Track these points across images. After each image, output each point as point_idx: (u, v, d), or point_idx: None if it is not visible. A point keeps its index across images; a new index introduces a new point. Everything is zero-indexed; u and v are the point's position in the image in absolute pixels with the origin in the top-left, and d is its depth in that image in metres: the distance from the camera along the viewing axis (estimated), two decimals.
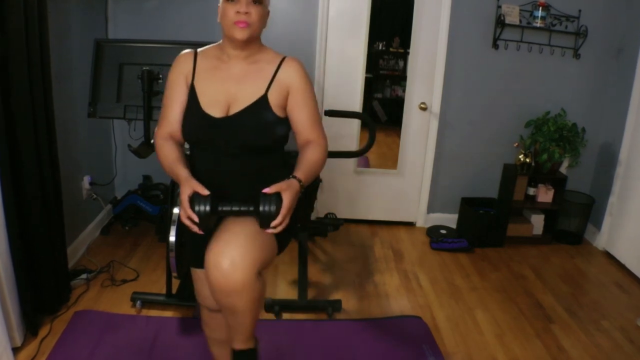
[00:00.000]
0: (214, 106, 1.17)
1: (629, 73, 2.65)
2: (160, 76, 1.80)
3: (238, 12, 1.12)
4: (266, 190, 1.08)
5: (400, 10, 2.80)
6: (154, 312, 1.97)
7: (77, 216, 2.35)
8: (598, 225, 2.86)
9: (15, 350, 1.66)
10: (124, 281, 2.18)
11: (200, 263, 1.23)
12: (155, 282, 2.19)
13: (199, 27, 2.60)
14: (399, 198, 3.00)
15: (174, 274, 1.87)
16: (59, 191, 1.90)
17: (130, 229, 2.68)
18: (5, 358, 1.54)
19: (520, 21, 2.63)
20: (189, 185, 1.09)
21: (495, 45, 2.70)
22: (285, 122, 1.21)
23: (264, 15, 1.17)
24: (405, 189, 2.98)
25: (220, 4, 1.16)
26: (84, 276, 2.14)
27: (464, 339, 1.94)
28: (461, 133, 2.85)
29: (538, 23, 2.61)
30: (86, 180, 2.46)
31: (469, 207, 2.84)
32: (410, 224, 3.02)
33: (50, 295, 1.86)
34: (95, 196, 2.55)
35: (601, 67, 2.77)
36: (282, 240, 1.22)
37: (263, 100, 1.17)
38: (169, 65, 1.83)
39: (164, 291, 2.03)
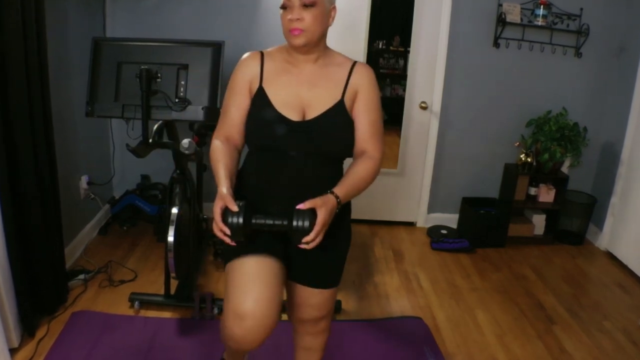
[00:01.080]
0: (289, 109, 1.13)
1: (630, 72, 2.64)
2: (159, 75, 1.79)
3: (291, 20, 1.09)
4: (300, 205, 1.05)
5: (401, 8, 2.79)
6: (152, 313, 1.96)
7: (75, 216, 2.34)
8: (600, 225, 2.85)
9: (13, 352, 1.65)
10: (122, 281, 2.17)
11: (255, 248, 1.13)
12: (153, 283, 2.18)
13: (198, 25, 2.59)
14: (399, 198, 2.98)
15: (173, 275, 1.89)
16: (56, 191, 1.89)
17: (128, 229, 2.67)
18: (2, 359, 1.52)
19: (522, 19, 2.62)
20: (222, 198, 1.06)
21: (496, 44, 2.69)
22: None
23: (321, 16, 1.11)
24: (405, 188, 2.96)
25: (280, 12, 1.14)
26: (81, 276, 2.13)
27: (464, 339, 1.93)
28: (462, 132, 2.83)
29: (539, 21, 2.60)
30: (84, 179, 2.45)
31: (469, 207, 2.83)
32: (410, 224, 3.01)
33: (48, 295, 1.85)
34: (93, 196, 2.54)
35: (603, 65, 2.76)
36: (336, 276, 1.26)
37: (340, 105, 1.14)
38: (168, 64, 1.85)
39: (162, 292, 2.03)
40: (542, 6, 2.57)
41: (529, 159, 2.75)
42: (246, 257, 1.11)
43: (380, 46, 3.15)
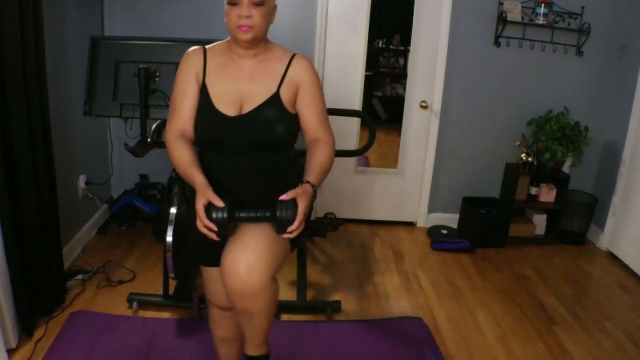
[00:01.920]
0: (227, 105, 1.16)
1: (632, 71, 2.63)
2: (158, 74, 1.78)
3: (240, 16, 1.12)
4: (283, 197, 1.08)
5: (401, 7, 2.77)
6: (151, 314, 1.95)
7: (73, 216, 2.34)
8: (601, 225, 2.83)
9: (10, 352, 1.65)
10: (121, 282, 2.17)
11: (212, 262, 1.24)
12: (152, 283, 2.17)
13: (196, 24, 2.58)
14: (400, 198, 2.97)
15: (171, 275, 1.86)
16: (54, 191, 1.89)
17: (127, 229, 2.66)
18: None
19: (523, 18, 2.61)
20: (205, 195, 1.08)
21: (497, 43, 2.68)
22: (297, 119, 1.22)
23: (268, 14, 1.15)
24: (405, 188, 2.95)
25: (225, 6, 1.15)
26: (80, 277, 2.12)
27: (465, 340, 1.93)
28: (462, 132, 2.82)
29: (540, 20, 2.59)
30: (82, 179, 2.44)
31: (470, 207, 2.82)
32: (410, 224, 3.00)
33: (46, 296, 1.85)
34: (91, 196, 2.53)
35: (604, 65, 2.75)
36: (293, 241, 1.22)
37: (276, 98, 1.18)
38: (166, 63, 1.84)
39: (161, 292, 2.02)
40: (543, 5, 2.56)
41: (530, 159, 2.74)
42: (211, 269, 1.24)
43: (380, 45, 3.13)
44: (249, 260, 1.08)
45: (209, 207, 1.07)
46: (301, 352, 1.78)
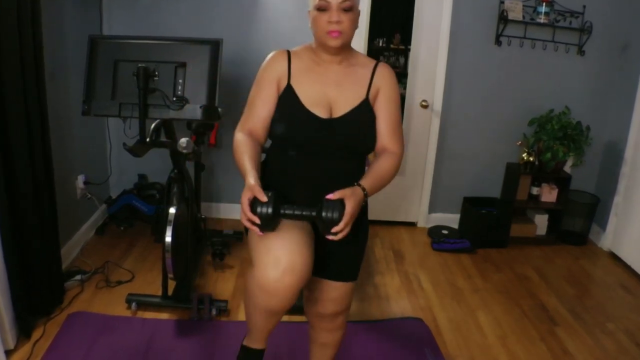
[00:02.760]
0: (317, 106, 1.17)
1: (634, 70, 2.62)
2: (157, 73, 1.77)
3: (330, 22, 1.12)
4: (329, 195, 1.08)
5: (401, 5, 2.76)
6: (149, 314, 1.95)
7: (71, 216, 2.32)
8: (603, 225, 2.82)
9: (8, 353, 1.64)
10: (119, 282, 2.16)
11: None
12: (151, 284, 2.16)
13: (196, 23, 2.58)
14: (400, 198, 2.96)
15: (170, 275, 1.87)
16: (52, 190, 1.88)
17: (125, 229, 2.65)
18: None
19: (524, 17, 2.60)
20: (250, 189, 1.08)
21: (498, 42, 2.66)
22: None
23: (356, 20, 1.16)
24: (406, 188, 2.94)
25: (310, 11, 1.16)
26: (78, 277, 2.11)
27: (466, 341, 1.92)
28: (463, 131, 2.81)
29: (542, 19, 2.58)
30: (80, 179, 2.43)
31: (471, 206, 2.81)
32: (411, 224, 2.99)
33: (44, 296, 1.84)
34: (89, 196, 2.52)
35: (606, 64, 2.73)
36: (355, 269, 1.28)
37: (365, 104, 1.19)
38: (165, 62, 1.83)
39: (159, 293, 2.01)
40: (544, 3, 2.55)
41: (531, 158, 2.73)
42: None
43: (380, 44, 3.12)
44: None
45: (254, 202, 1.06)
46: (301, 353, 1.77)
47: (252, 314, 1.25)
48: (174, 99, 1.76)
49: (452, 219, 2.95)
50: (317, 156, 1.18)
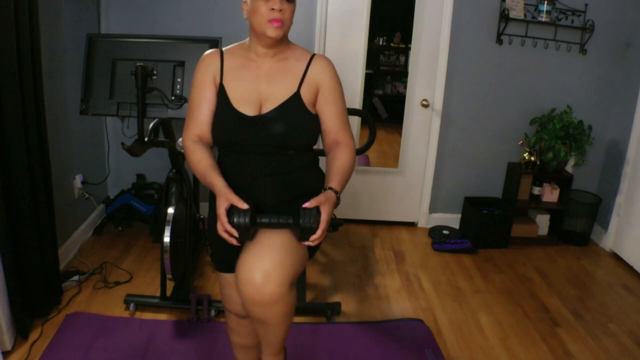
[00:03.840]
0: (245, 105, 1.15)
1: (636, 69, 2.61)
2: (155, 72, 1.75)
3: (272, 10, 1.10)
4: (306, 204, 1.06)
5: (402, 4, 2.75)
6: (147, 315, 1.93)
7: (69, 216, 2.32)
8: (605, 225, 2.81)
9: (5, 354, 1.64)
10: (117, 283, 2.15)
11: (229, 267, 1.21)
12: (149, 284, 2.15)
13: (194, 21, 2.56)
14: (400, 197, 2.94)
15: (169, 276, 1.86)
16: (50, 190, 1.87)
17: (123, 229, 2.64)
18: None
19: (525, 15, 2.58)
20: (226, 198, 1.06)
21: (499, 40, 2.65)
22: (317, 120, 1.20)
23: (294, 12, 1.16)
24: (406, 188, 2.93)
25: (250, 2, 1.13)
26: (75, 278, 2.11)
27: (467, 342, 1.90)
28: (464, 131, 2.80)
29: (543, 17, 2.56)
30: (78, 179, 2.42)
31: (472, 206, 2.80)
32: (411, 224, 2.98)
33: (41, 297, 1.83)
34: (87, 195, 2.51)
35: (608, 62, 2.72)
36: (312, 248, 1.21)
37: (296, 98, 1.16)
38: (164, 61, 1.82)
39: (158, 293, 2.01)
40: (546, 2, 2.53)
41: (532, 158, 2.72)
42: (228, 275, 1.19)
43: (380, 43, 3.10)
44: (266, 267, 1.04)
45: (230, 211, 1.05)
46: (300, 354, 1.76)
47: (235, 345, 1.28)
48: (173, 98, 1.75)
49: (453, 219, 2.94)
50: (253, 155, 1.15)
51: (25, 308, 1.75)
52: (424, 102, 2.76)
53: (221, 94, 1.16)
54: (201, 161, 1.13)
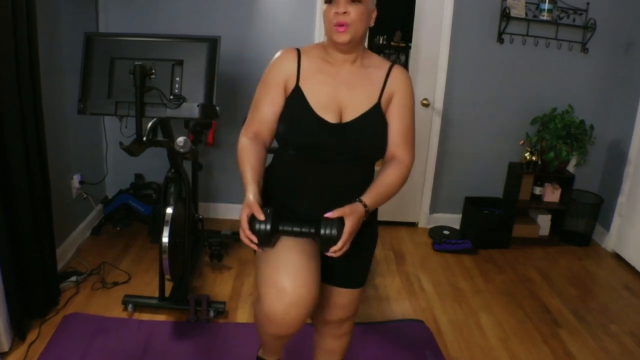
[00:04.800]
0: (326, 110, 1.12)
1: (638, 68, 2.60)
2: (153, 71, 1.74)
3: (336, 13, 1.09)
4: (328, 214, 1.05)
5: (402, 3, 2.73)
6: (146, 316, 1.92)
7: (67, 216, 2.31)
8: (607, 226, 2.80)
9: (3, 355, 1.63)
10: (115, 284, 2.14)
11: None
12: (147, 285, 2.14)
13: (193, 20, 2.55)
14: (401, 198, 2.90)
15: (167, 277, 1.85)
16: (47, 190, 1.86)
17: (121, 229, 2.63)
18: None
19: (526, 14, 2.57)
20: (248, 205, 1.06)
21: (500, 39, 2.63)
22: None
23: (366, 14, 1.10)
24: (407, 188, 2.85)
25: (323, 7, 1.13)
26: (73, 278, 2.09)
27: (467, 343, 1.90)
28: (465, 130, 2.79)
29: (545, 16, 2.55)
30: (76, 179, 2.41)
31: (473, 207, 2.79)
32: (412, 225, 2.97)
33: (39, 298, 1.82)
34: (85, 195, 2.50)
35: (610, 61, 2.70)
36: (363, 276, 1.25)
37: (377, 109, 1.14)
38: (162, 60, 1.80)
39: (156, 294, 1.99)
40: (547, 0, 2.52)
41: (533, 158, 2.71)
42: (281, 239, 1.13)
43: (381, 42, 3.09)
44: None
45: (252, 218, 1.05)
46: (300, 355, 1.74)
47: (262, 335, 1.25)
48: (171, 97, 1.74)
49: (453, 219, 2.92)
50: (323, 161, 1.14)
51: (23, 309, 1.73)
52: (424, 102, 2.74)
53: (298, 96, 1.13)
54: (247, 161, 1.11)
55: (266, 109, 1.15)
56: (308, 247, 1.12)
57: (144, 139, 1.78)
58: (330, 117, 1.12)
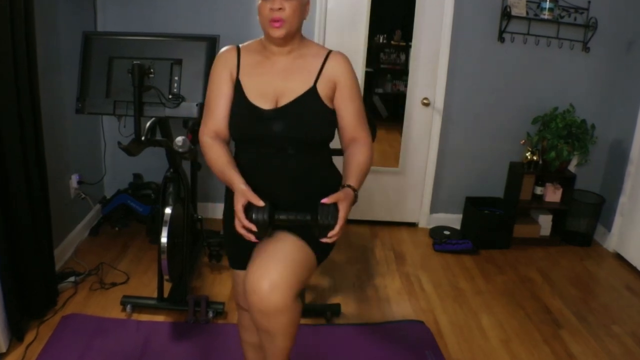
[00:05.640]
0: (262, 99, 1.16)
1: None
2: (152, 70, 1.74)
3: (272, 9, 1.11)
4: (324, 200, 1.07)
5: (402, 1, 2.72)
6: (144, 317, 1.92)
7: (65, 216, 2.30)
8: (608, 226, 2.78)
9: (1, 357, 1.63)
10: (114, 284, 2.13)
11: (243, 265, 1.21)
12: (146, 285, 2.14)
13: (192, 19, 2.55)
14: (401, 197, 2.92)
15: (166, 277, 1.84)
16: (45, 190, 1.86)
17: (120, 229, 2.62)
18: None
19: (527, 13, 2.56)
20: (243, 194, 1.07)
21: (501, 38, 2.62)
22: (334, 115, 1.20)
23: (300, 8, 1.14)
24: (407, 188, 2.90)
25: (258, 3, 1.15)
26: (71, 279, 2.09)
27: (468, 344, 1.89)
28: (465, 130, 2.78)
29: (546, 15, 2.54)
30: (74, 179, 2.40)
31: (473, 207, 2.78)
32: (412, 225, 2.96)
33: (37, 299, 1.81)
34: (83, 195, 2.50)
35: (611, 60, 2.69)
36: (322, 255, 1.21)
37: (312, 91, 1.16)
38: (161, 59, 1.80)
39: (155, 295, 1.99)
40: None
41: (534, 158, 2.70)
42: (242, 272, 1.16)
43: (381, 41, 3.08)
44: (273, 277, 1.05)
45: (248, 208, 1.06)
46: (299, 356, 1.73)
47: (244, 346, 1.28)
48: (170, 96, 1.74)
49: (454, 220, 2.91)
50: (269, 151, 1.16)
51: (21, 309, 1.73)
52: (424, 101, 2.73)
53: (237, 88, 1.17)
54: (219, 158, 1.14)
55: (220, 105, 1.18)
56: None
57: (143, 138, 1.78)
58: (264, 105, 1.15)
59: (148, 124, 1.86)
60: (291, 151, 1.16)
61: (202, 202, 2.79)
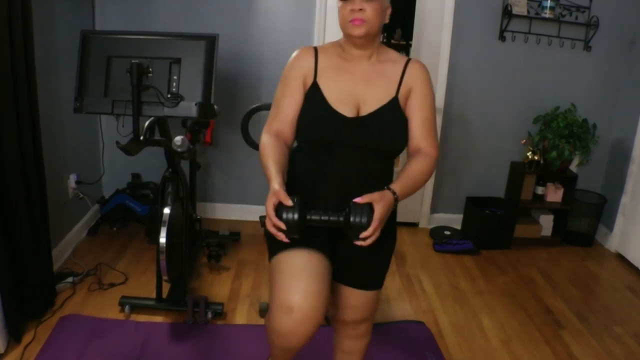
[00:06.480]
0: (343, 105, 1.15)
1: None
2: (150, 69, 1.73)
3: (352, 10, 1.11)
4: (357, 199, 1.05)
5: (402, 0, 2.70)
6: (143, 317, 1.91)
7: (63, 216, 2.29)
8: (610, 226, 2.78)
9: None
10: (112, 285, 2.12)
11: (297, 244, 1.12)
12: (144, 286, 2.13)
13: (191, 18, 2.54)
14: None
15: (165, 277, 1.83)
16: (43, 190, 1.85)
17: (118, 229, 2.61)
18: None
19: (528, 12, 2.55)
20: (275, 195, 1.06)
21: (501, 37, 2.61)
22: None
23: (381, 10, 1.13)
24: None
25: (338, 5, 1.15)
26: (70, 279, 2.08)
27: (469, 345, 1.88)
28: (466, 129, 2.77)
29: (547, 13, 2.53)
30: (72, 178, 2.39)
31: (474, 207, 2.77)
32: (412, 225, 2.95)
33: (35, 299, 1.81)
34: (81, 195, 2.49)
35: (613, 60, 2.68)
36: (380, 277, 1.26)
37: (394, 102, 1.16)
38: (159, 58, 1.79)
39: (154, 295, 1.98)
40: None
41: (536, 157, 2.69)
42: (293, 250, 1.11)
43: (381, 40, 3.07)
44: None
45: (279, 207, 1.05)
46: (299, 357, 1.72)
47: (272, 347, 1.25)
48: (169, 96, 1.72)
49: (454, 220, 2.90)
50: (342, 157, 1.15)
51: (19, 310, 1.72)
52: None
53: (316, 92, 1.16)
54: (270, 156, 1.12)
55: (287, 107, 1.17)
56: (320, 266, 1.11)
57: (141, 138, 1.77)
58: (347, 112, 1.14)
59: (146, 123, 1.85)
60: (361, 158, 1.15)
61: (201, 202, 2.79)
